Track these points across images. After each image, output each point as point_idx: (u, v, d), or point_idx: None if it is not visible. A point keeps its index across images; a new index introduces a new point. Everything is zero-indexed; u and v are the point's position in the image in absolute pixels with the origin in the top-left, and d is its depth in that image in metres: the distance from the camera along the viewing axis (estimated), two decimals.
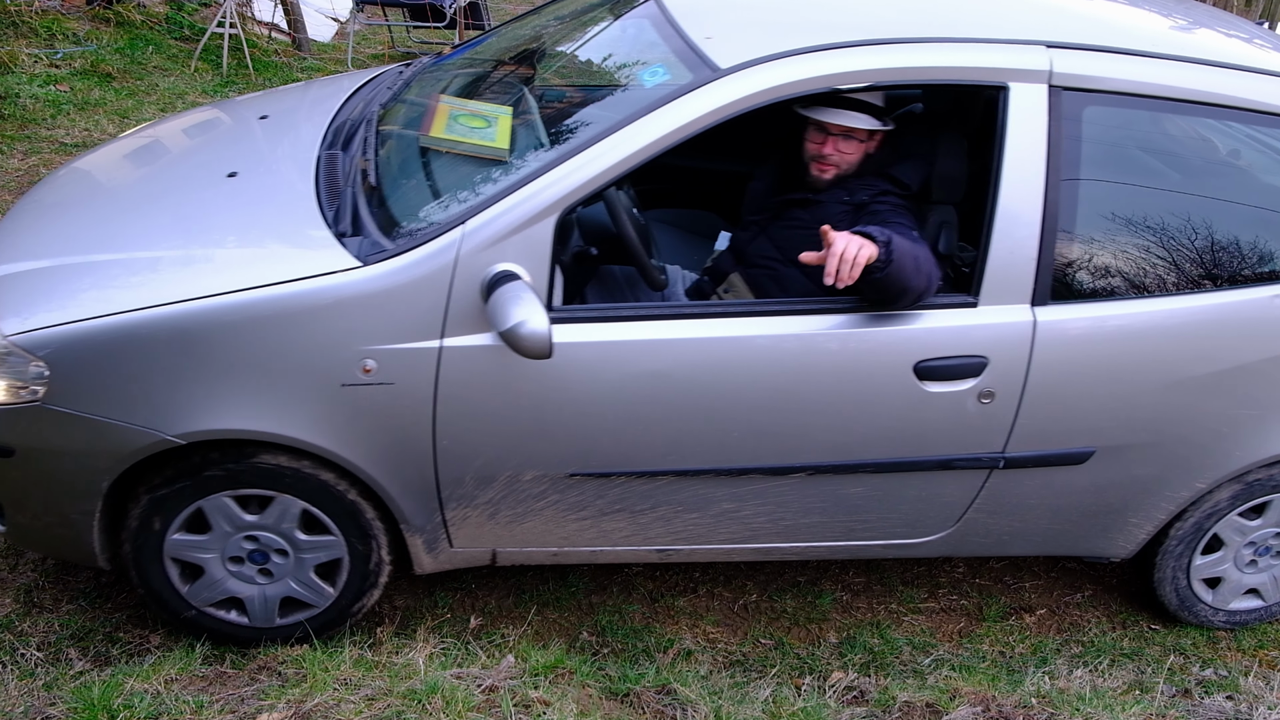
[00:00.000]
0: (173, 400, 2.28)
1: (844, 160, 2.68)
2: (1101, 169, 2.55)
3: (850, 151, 2.67)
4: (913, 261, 2.31)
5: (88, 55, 6.70)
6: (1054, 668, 2.97)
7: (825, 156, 2.68)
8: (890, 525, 2.77)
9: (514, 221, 2.27)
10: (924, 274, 2.34)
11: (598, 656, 2.87)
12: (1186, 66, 2.51)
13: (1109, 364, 2.56)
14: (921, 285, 2.34)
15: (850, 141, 2.65)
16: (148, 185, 2.89)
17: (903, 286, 2.32)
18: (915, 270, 2.31)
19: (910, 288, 2.32)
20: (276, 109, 3.32)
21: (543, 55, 3.24)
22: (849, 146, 2.66)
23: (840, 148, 2.66)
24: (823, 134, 2.67)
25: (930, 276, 2.36)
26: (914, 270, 2.31)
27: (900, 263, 2.28)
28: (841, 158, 2.67)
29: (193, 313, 2.24)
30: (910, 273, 2.30)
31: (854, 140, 2.65)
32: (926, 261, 2.36)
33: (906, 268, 2.29)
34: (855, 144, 2.66)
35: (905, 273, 2.29)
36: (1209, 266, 2.60)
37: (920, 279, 2.32)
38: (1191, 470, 2.75)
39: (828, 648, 3.03)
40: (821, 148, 2.68)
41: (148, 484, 2.44)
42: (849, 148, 2.66)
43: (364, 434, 2.37)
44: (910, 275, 2.30)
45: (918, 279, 2.32)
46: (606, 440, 2.46)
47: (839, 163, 2.68)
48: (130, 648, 2.72)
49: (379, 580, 2.67)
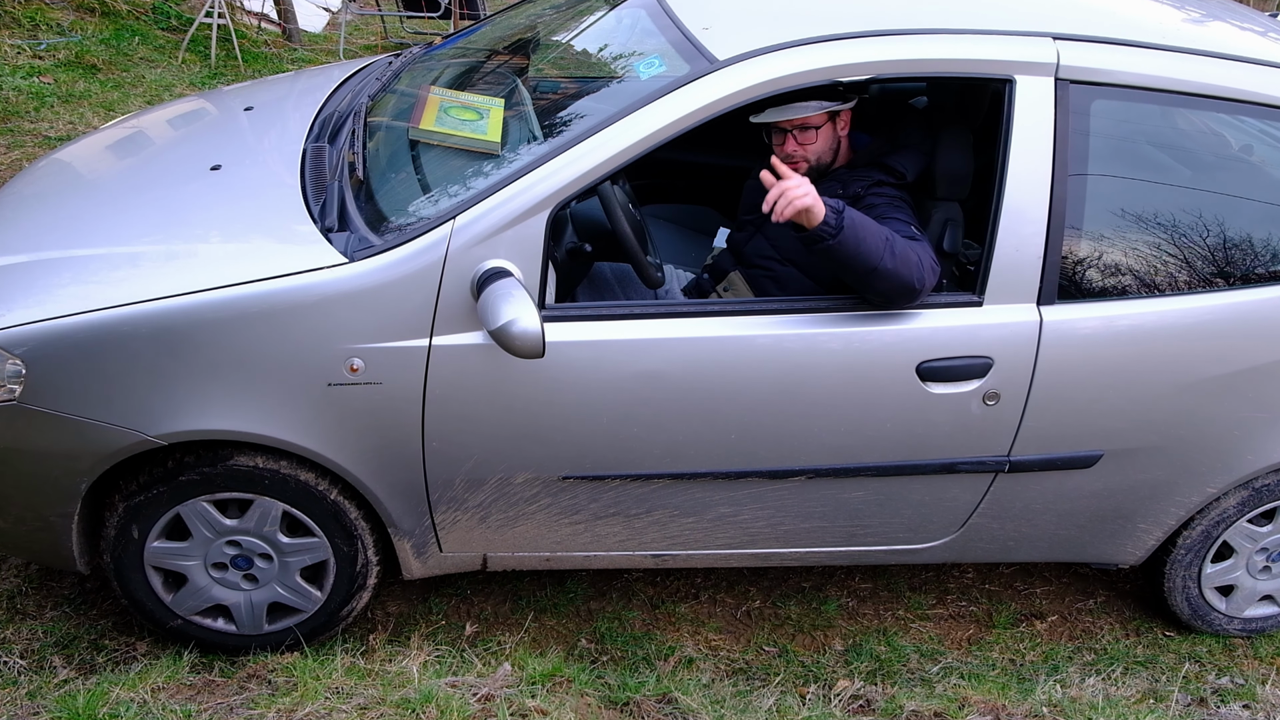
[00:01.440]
0: (154, 400, 2.28)
1: (811, 152, 2.68)
2: (1110, 164, 2.54)
3: (812, 141, 2.66)
4: (875, 241, 2.29)
5: (72, 46, 6.71)
6: (1066, 676, 2.97)
7: (791, 155, 2.67)
8: (892, 530, 2.77)
9: (506, 217, 2.27)
10: (905, 261, 2.31)
11: (596, 664, 2.87)
12: (1198, 59, 2.50)
13: (1118, 365, 2.56)
14: (889, 267, 2.30)
15: (808, 132, 2.65)
16: (129, 178, 2.89)
17: (859, 264, 2.30)
18: (878, 251, 2.29)
19: (872, 268, 2.29)
20: (262, 100, 3.33)
21: (536, 45, 3.24)
22: (808, 137, 2.66)
23: (801, 140, 2.66)
24: (781, 134, 2.67)
25: (915, 267, 2.34)
26: (874, 250, 2.28)
27: (851, 236, 2.27)
28: (807, 150, 2.67)
29: (175, 310, 2.24)
30: (868, 251, 2.28)
31: (812, 130, 2.65)
32: (913, 250, 2.35)
33: (863, 243, 2.27)
34: (814, 132, 2.66)
35: (859, 248, 2.28)
36: (1221, 265, 2.60)
37: (884, 259, 2.29)
38: (1202, 475, 2.74)
39: (833, 655, 3.03)
40: (784, 148, 2.68)
41: (123, 491, 2.45)
42: (809, 139, 2.66)
43: (351, 435, 2.37)
44: (867, 253, 2.28)
45: (883, 260, 2.29)
46: (600, 442, 2.46)
47: (805, 156, 2.68)
48: (116, 655, 2.73)
49: (367, 582, 2.67)
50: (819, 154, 2.68)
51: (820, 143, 2.67)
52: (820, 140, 2.67)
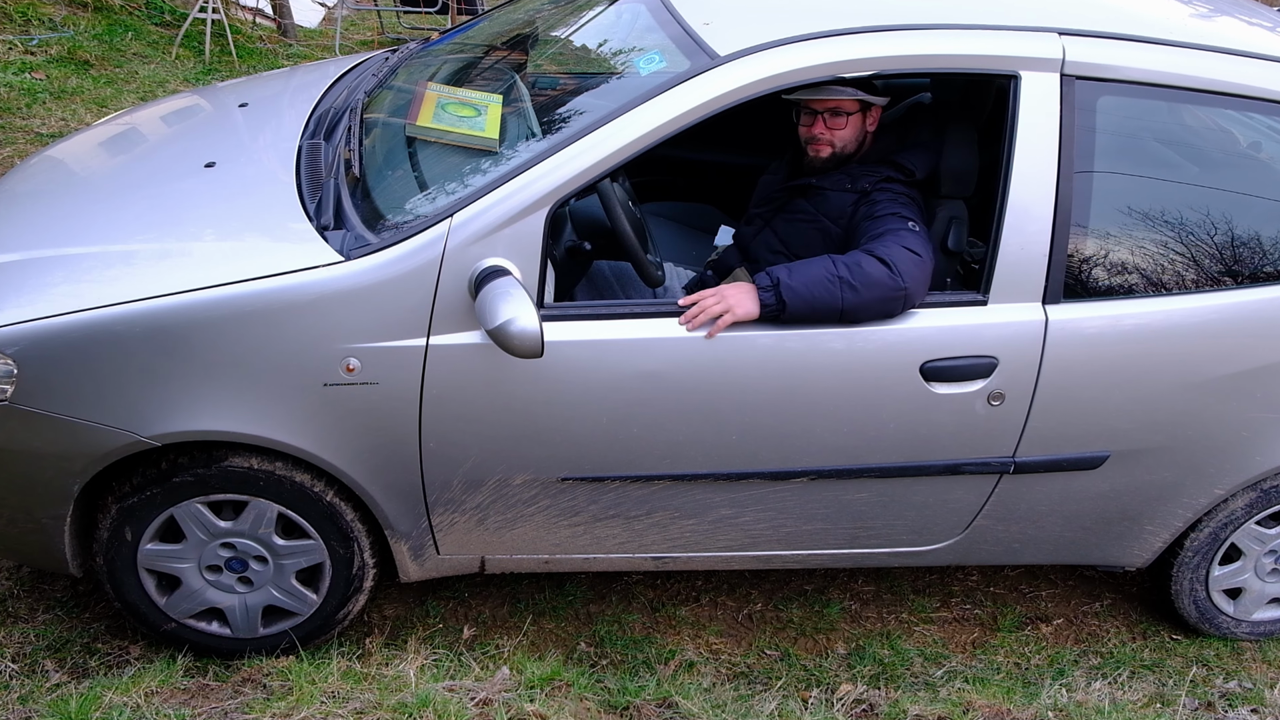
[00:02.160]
0: (148, 400, 2.28)
1: (837, 138, 2.68)
2: (1116, 161, 2.55)
3: (841, 127, 2.67)
4: (825, 289, 2.35)
5: (64, 42, 6.71)
6: (1071, 680, 2.97)
7: (817, 137, 2.68)
8: (896, 532, 2.77)
9: (504, 215, 2.27)
10: (870, 284, 2.36)
11: (596, 668, 2.87)
12: (1206, 55, 2.50)
13: (1124, 365, 2.56)
14: (855, 302, 2.36)
15: (839, 117, 2.66)
16: (123, 175, 2.89)
17: (824, 316, 2.38)
18: (834, 296, 2.35)
19: (838, 312, 2.37)
20: (257, 96, 3.33)
21: (535, 41, 3.24)
22: (839, 122, 2.66)
23: (830, 125, 2.66)
24: (811, 115, 2.68)
25: (884, 285, 2.36)
26: (829, 298, 2.35)
27: (797, 301, 2.35)
28: (834, 135, 2.68)
29: (169, 309, 2.24)
30: (824, 303, 2.36)
31: (843, 115, 2.65)
32: (875, 267, 2.37)
33: (815, 300, 2.35)
34: (845, 119, 2.66)
35: (815, 306, 2.36)
36: (1229, 263, 2.60)
37: (844, 299, 2.36)
38: (1210, 476, 2.74)
39: (836, 659, 3.03)
40: (811, 129, 2.69)
41: (116, 493, 2.45)
42: (839, 124, 2.66)
43: (347, 436, 2.37)
44: (825, 305, 2.36)
45: (844, 301, 2.35)
46: (600, 443, 2.46)
47: (831, 140, 2.68)
48: (109, 659, 2.73)
49: (364, 585, 2.67)
50: (844, 142, 2.69)
51: (848, 131, 2.68)
52: (849, 128, 2.68)
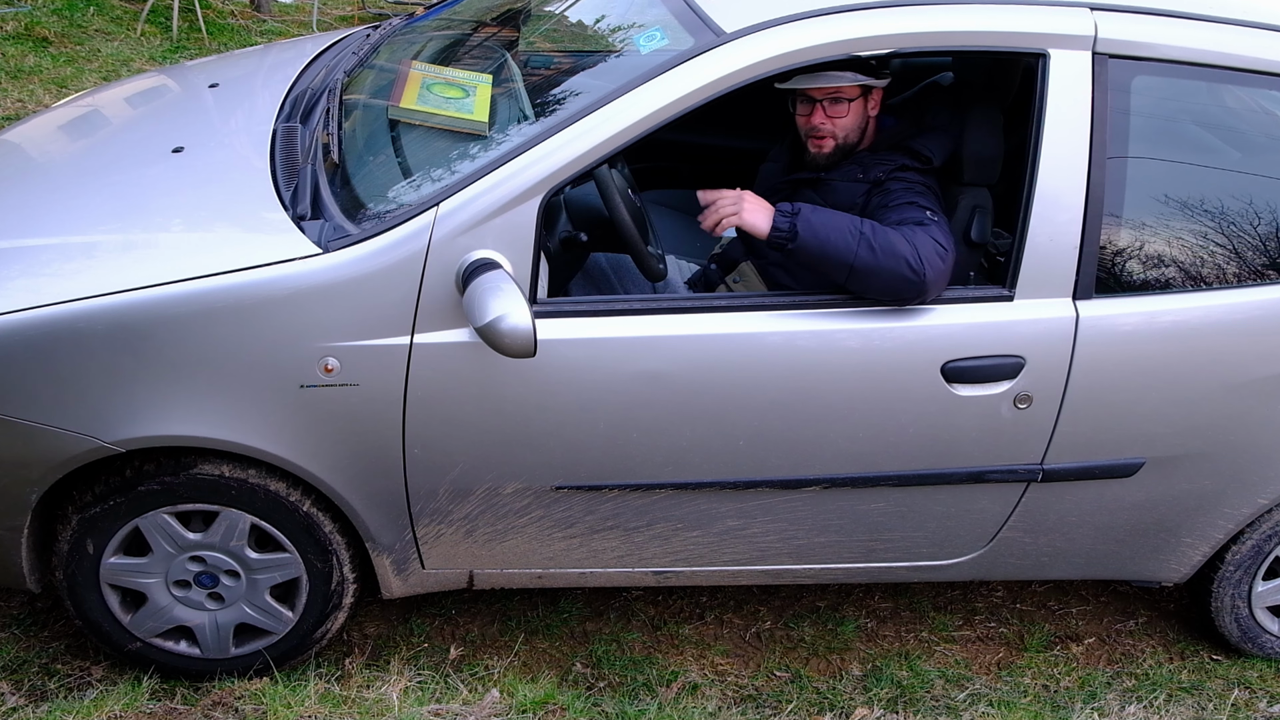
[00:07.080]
0: (111, 403, 2.29)
1: (840, 127, 2.67)
2: (1152, 146, 2.55)
3: (842, 115, 2.66)
4: (842, 237, 2.36)
5: (21, 17, 6.71)
6: (1104, 703, 2.97)
7: (818, 128, 2.67)
8: (915, 545, 2.78)
9: (494, 204, 2.28)
10: (889, 251, 2.35)
11: (593, 691, 2.88)
12: (1249, 31, 2.50)
13: (1161, 365, 2.56)
14: (869, 262, 2.35)
15: (840, 104, 2.64)
16: (84, 161, 2.90)
17: (830, 264, 2.38)
18: (849, 247, 2.35)
19: (847, 265, 2.36)
20: (228, 76, 3.34)
21: (527, 17, 3.24)
22: (839, 110, 2.65)
23: (831, 113, 2.66)
24: (809, 103, 2.67)
25: (904, 257, 2.35)
26: (843, 247, 2.35)
27: (810, 236, 2.36)
28: (835, 125, 2.67)
29: (134, 305, 2.24)
30: (836, 249, 2.35)
31: (844, 102, 2.65)
32: (902, 237, 2.37)
33: (827, 242, 2.36)
34: (846, 105, 2.65)
35: (825, 249, 2.36)
36: (1273, 255, 2.61)
37: (858, 254, 2.35)
38: (1253, 484, 2.75)
39: (850, 681, 3.03)
40: (811, 119, 2.68)
41: (77, 503, 2.45)
42: (840, 111, 2.65)
43: (325, 441, 2.37)
44: (836, 252, 2.36)
45: (858, 256, 2.35)
46: (597, 449, 2.46)
47: (833, 131, 2.68)
48: (69, 681, 2.73)
49: (343, 601, 2.68)
50: (847, 130, 2.68)
51: (850, 118, 2.67)
52: (851, 115, 2.67)
